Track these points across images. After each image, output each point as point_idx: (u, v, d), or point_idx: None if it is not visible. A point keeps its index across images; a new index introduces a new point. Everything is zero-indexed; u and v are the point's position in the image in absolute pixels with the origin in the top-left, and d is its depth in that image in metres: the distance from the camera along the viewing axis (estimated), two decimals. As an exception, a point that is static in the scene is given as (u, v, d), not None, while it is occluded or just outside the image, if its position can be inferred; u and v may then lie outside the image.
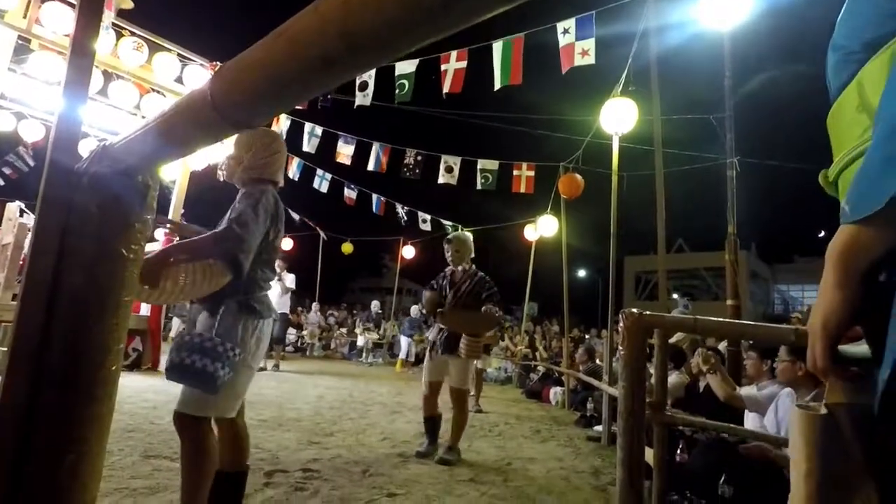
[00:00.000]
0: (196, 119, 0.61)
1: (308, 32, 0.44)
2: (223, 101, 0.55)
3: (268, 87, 0.51)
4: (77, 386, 0.70)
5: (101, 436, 0.73)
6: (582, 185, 7.32)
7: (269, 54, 0.49)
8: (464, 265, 3.85)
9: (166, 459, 2.88)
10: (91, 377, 0.71)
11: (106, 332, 0.73)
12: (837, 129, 0.70)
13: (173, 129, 0.65)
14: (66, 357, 0.70)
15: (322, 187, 10.37)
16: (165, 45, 6.85)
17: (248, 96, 0.53)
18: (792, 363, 2.68)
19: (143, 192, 0.77)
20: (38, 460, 0.66)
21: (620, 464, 1.93)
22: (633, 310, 1.95)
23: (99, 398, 0.73)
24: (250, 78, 0.52)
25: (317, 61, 0.44)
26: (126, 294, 0.76)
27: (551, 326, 13.23)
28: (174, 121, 0.65)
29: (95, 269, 0.73)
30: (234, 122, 0.56)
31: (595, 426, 5.06)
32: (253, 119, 0.57)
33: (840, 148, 0.68)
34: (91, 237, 0.73)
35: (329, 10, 0.42)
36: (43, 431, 0.67)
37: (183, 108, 0.63)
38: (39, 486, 0.66)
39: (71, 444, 0.69)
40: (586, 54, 5.15)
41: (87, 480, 0.71)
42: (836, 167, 0.68)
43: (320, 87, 0.49)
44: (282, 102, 0.55)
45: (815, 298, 0.69)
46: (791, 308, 28.66)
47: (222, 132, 0.63)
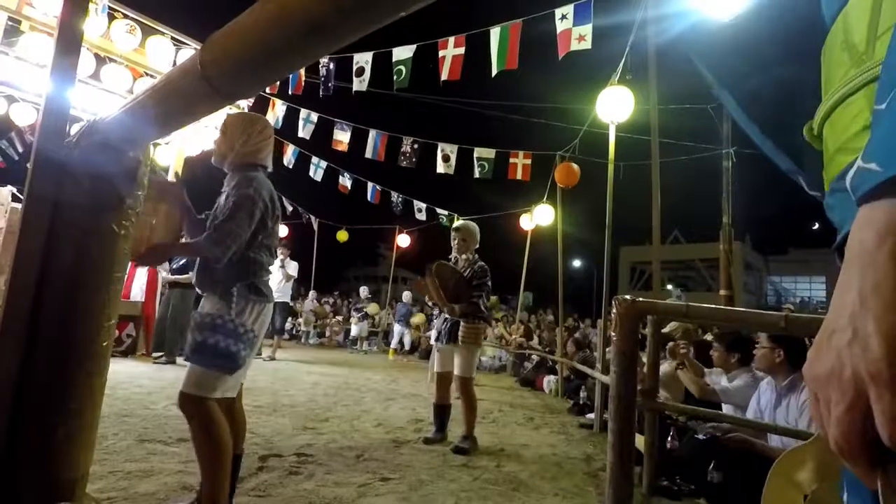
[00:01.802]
0: (187, 91, 0.60)
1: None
2: (214, 72, 0.54)
3: (258, 56, 0.50)
4: (69, 360, 0.70)
5: (93, 410, 0.74)
6: (578, 174, 7.31)
7: (257, 21, 0.49)
8: (467, 255, 3.87)
9: (160, 444, 2.90)
10: (83, 351, 0.71)
11: (97, 307, 0.72)
12: (826, 69, 0.61)
13: (164, 103, 0.65)
14: (57, 331, 0.70)
15: (317, 175, 10.32)
16: (159, 29, 6.75)
17: (238, 66, 0.53)
18: (771, 350, 2.72)
19: (133, 168, 0.77)
20: (31, 433, 0.66)
21: (611, 448, 1.95)
22: (626, 296, 1.97)
23: (91, 372, 0.73)
24: (240, 46, 0.51)
25: (305, 26, 0.43)
26: (117, 270, 0.76)
27: (546, 316, 13.29)
28: (165, 94, 0.64)
29: (86, 244, 0.73)
30: (225, 94, 0.55)
31: (587, 414, 5.11)
32: (245, 90, 0.56)
33: (827, 91, 0.59)
34: (82, 212, 0.73)
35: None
36: (35, 404, 0.67)
37: (174, 80, 0.62)
38: (32, 459, 0.66)
39: (63, 417, 0.69)
40: (583, 39, 5.11)
41: (80, 453, 0.71)
42: (820, 113, 0.59)
43: (311, 55, 0.48)
44: (273, 71, 0.54)
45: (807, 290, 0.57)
46: (784, 300, 28.92)
47: (214, 104, 0.62)
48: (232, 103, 0.63)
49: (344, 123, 8.50)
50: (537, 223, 8.98)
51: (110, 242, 0.76)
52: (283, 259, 8.31)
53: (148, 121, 0.67)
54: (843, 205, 0.51)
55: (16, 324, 0.67)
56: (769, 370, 2.81)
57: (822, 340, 0.39)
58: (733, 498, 2.60)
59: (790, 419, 2.62)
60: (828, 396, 0.37)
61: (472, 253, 3.87)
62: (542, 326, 11.73)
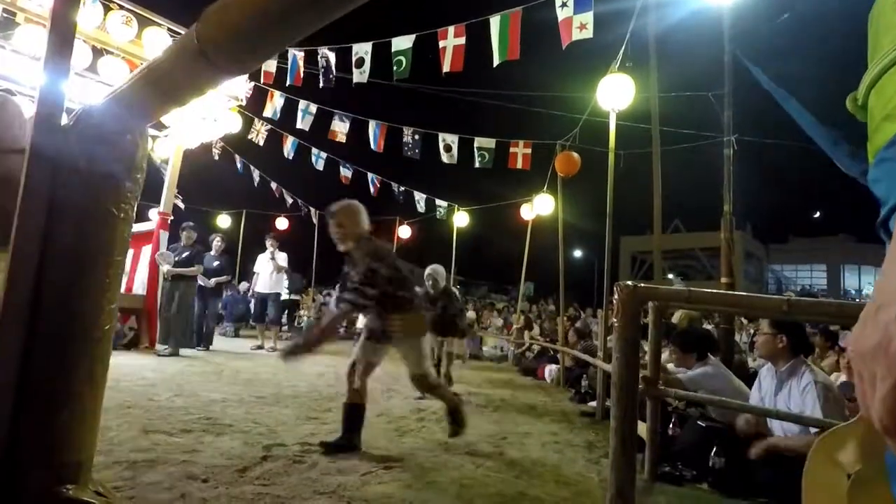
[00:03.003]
0: (184, 67, 0.59)
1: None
2: (211, 46, 0.53)
3: (255, 27, 0.49)
4: (71, 341, 0.70)
5: (96, 392, 0.73)
6: (578, 163, 7.29)
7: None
8: (352, 243, 3.09)
9: (164, 434, 2.91)
10: (85, 333, 0.71)
11: (98, 290, 0.72)
12: (873, 34, 0.56)
13: (161, 80, 0.64)
14: (59, 313, 0.70)
15: (318, 165, 10.30)
16: (155, 20, 6.70)
17: (236, 39, 0.52)
18: (773, 336, 2.73)
19: (131, 151, 0.76)
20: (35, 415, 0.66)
21: (613, 433, 1.96)
22: (627, 282, 1.96)
23: (93, 355, 0.73)
24: (237, 19, 0.50)
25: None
26: (118, 253, 0.75)
27: (547, 306, 13.31)
28: (161, 71, 0.63)
29: (86, 227, 0.73)
30: (223, 68, 0.54)
31: (589, 402, 5.13)
32: (243, 63, 0.55)
33: (873, 57, 0.55)
34: (80, 195, 0.72)
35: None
36: (38, 387, 0.67)
37: (170, 57, 0.61)
38: (36, 442, 0.66)
39: (66, 398, 0.69)
40: (584, 28, 5.06)
41: (84, 436, 0.71)
42: (866, 80, 0.55)
43: (309, 24, 0.47)
44: (271, 43, 0.53)
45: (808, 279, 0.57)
46: (784, 288, 28.93)
47: (212, 79, 0.61)
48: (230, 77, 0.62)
49: (343, 114, 8.46)
50: (538, 213, 8.97)
51: (110, 225, 0.75)
52: (273, 251, 8.34)
53: (144, 101, 0.66)
54: (890, 175, 0.48)
55: (18, 306, 0.67)
56: (770, 356, 2.82)
57: (869, 315, 0.38)
58: (735, 483, 2.61)
59: (791, 405, 2.63)
60: (873, 372, 0.35)
61: (359, 240, 3.05)
62: (544, 316, 11.76)
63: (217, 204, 15.63)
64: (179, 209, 8.24)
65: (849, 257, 28.29)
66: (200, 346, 7.45)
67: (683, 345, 3.49)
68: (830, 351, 5.67)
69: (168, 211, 7.33)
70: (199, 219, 11.50)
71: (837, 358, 5.11)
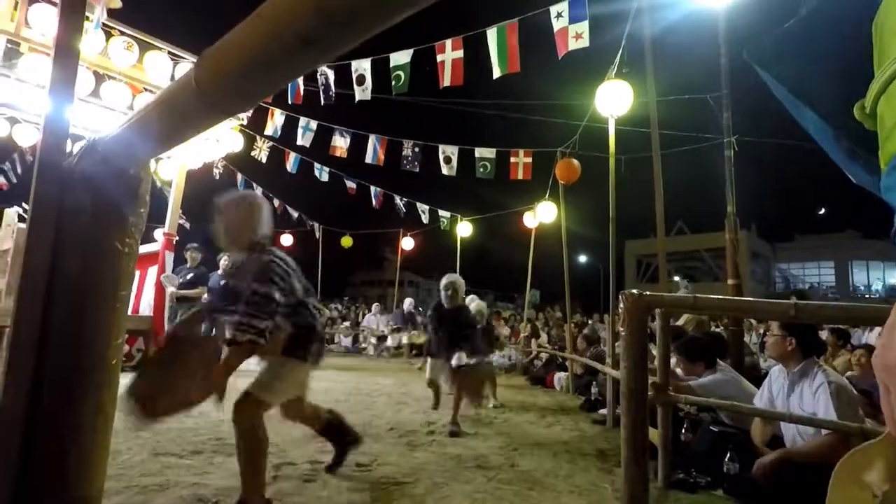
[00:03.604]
0: (183, 107, 0.60)
1: (285, 11, 0.44)
2: (209, 88, 0.54)
3: (251, 70, 0.50)
4: (80, 376, 0.71)
5: (105, 426, 0.74)
6: (579, 169, 7.29)
7: (248, 36, 0.49)
8: (238, 251, 2.59)
9: (174, 457, 2.91)
10: (93, 367, 0.72)
11: (105, 325, 0.73)
12: (880, 40, 0.56)
13: (160, 121, 0.65)
14: (66, 349, 0.71)
15: (323, 177, 10.37)
16: (156, 44, 6.79)
17: (232, 81, 0.53)
18: (783, 338, 2.70)
19: (135, 186, 0.78)
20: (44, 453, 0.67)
21: (625, 443, 1.94)
22: (633, 290, 1.96)
23: (102, 388, 0.73)
24: (233, 62, 0.51)
25: (295, 40, 0.43)
26: (123, 287, 0.76)
27: (554, 313, 13.27)
28: (161, 110, 0.65)
29: (91, 263, 0.74)
30: (221, 109, 0.56)
31: (600, 409, 5.09)
32: (240, 104, 0.57)
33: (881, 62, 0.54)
34: (85, 231, 0.73)
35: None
36: (47, 422, 0.67)
37: (170, 97, 0.63)
38: (46, 477, 0.67)
39: (76, 433, 0.69)
40: (580, 37, 5.10)
41: (93, 470, 0.72)
42: (876, 86, 0.54)
43: (302, 67, 0.49)
44: (265, 85, 0.54)
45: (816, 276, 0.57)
46: (792, 286, 28.71)
47: (209, 120, 0.62)
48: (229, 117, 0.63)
49: (343, 130, 8.53)
50: (540, 221, 8.97)
51: (115, 260, 0.76)
52: None
53: (147, 137, 0.67)
54: None
55: (26, 342, 0.68)
56: (780, 358, 2.79)
57: (894, 325, 0.35)
58: (750, 489, 2.58)
59: (805, 406, 2.60)
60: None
61: (251, 246, 2.46)
62: (551, 323, 11.71)
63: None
64: (185, 229, 8.29)
65: (856, 253, 28.09)
66: (208, 365, 7.45)
67: (689, 354, 3.42)
68: (843, 349, 5.61)
69: (173, 232, 7.38)
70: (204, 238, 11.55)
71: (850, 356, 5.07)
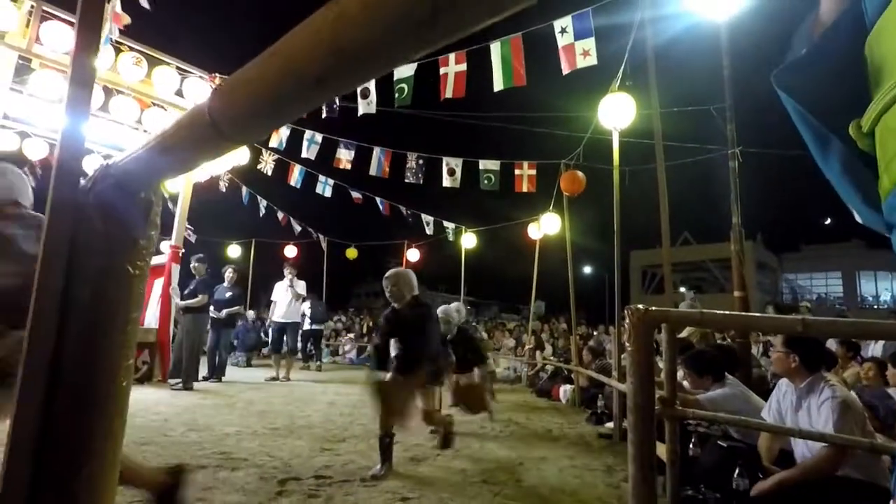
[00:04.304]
0: (196, 136, 0.62)
1: (301, 49, 0.45)
2: (222, 119, 0.56)
3: (264, 105, 0.52)
4: (90, 402, 0.71)
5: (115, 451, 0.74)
6: (584, 181, 7.31)
7: (263, 72, 0.50)
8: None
9: (180, 471, 2.90)
10: (104, 393, 0.72)
11: (116, 348, 0.74)
12: (878, 60, 0.55)
13: (174, 147, 0.66)
14: (78, 374, 0.71)
15: (326, 192, 10.43)
16: (164, 59, 6.90)
17: (244, 114, 0.54)
18: (786, 354, 2.67)
19: (146, 208, 0.79)
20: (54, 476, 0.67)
21: (632, 460, 1.92)
22: (638, 306, 1.95)
23: (112, 414, 0.74)
24: (247, 96, 0.53)
25: (310, 78, 0.45)
26: (133, 310, 0.77)
27: (559, 324, 13.20)
28: (175, 138, 0.66)
29: (104, 287, 0.75)
30: (233, 140, 0.57)
31: (606, 423, 5.04)
32: (251, 135, 0.58)
33: (881, 83, 0.54)
34: (98, 255, 0.74)
35: (321, 27, 0.43)
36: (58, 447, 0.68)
37: (183, 125, 0.64)
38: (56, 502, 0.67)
39: (86, 459, 0.69)
40: (588, 55, 5.13)
41: (103, 495, 0.72)
42: (875, 109, 0.53)
43: (315, 103, 0.50)
44: (277, 119, 0.56)
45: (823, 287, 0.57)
46: (800, 297, 28.46)
47: (221, 149, 0.64)
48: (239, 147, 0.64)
49: (347, 142, 8.59)
50: (545, 232, 8.97)
51: (126, 283, 0.77)
52: (291, 279, 8.33)
53: (159, 163, 0.68)
54: None
55: (37, 368, 0.68)
56: (785, 374, 2.76)
57: None
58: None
59: (813, 423, 2.57)
60: None
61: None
62: (556, 334, 11.65)
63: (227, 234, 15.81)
64: (190, 241, 8.34)
65: (863, 263, 27.87)
66: (213, 377, 7.45)
67: (697, 368, 3.39)
68: (853, 361, 5.54)
69: (179, 244, 7.43)
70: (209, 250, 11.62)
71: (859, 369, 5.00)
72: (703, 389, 3.32)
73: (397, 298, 3.55)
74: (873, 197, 0.61)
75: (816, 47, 0.65)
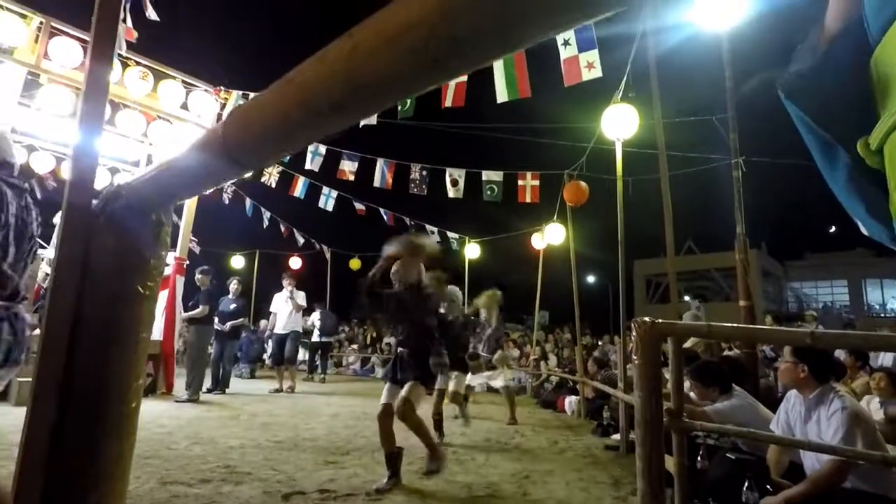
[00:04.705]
0: (208, 161, 0.62)
1: (315, 80, 0.46)
2: (235, 145, 0.56)
3: (276, 132, 0.52)
4: (100, 423, 0.72)
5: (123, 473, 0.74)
6: (587, 191, 7.32)
7: (278, 101, 0.51)
8: None
9: (183, 485, 2.89)
10: (114, 414, 0.72)
11: (127, 369, 0.74)
12: (885, 77, 0.55)
13: (186, 170, 0.67)
14: (88, 395, 0.71)
15: (328, 206, 10.47)
16: (170, 73, 6.98)
17: (258, 140, 0.55)
18: (794, 365, 2.64)
19: (156, 229, 0.79)
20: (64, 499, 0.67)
21: (641, 475, 1.91)
22: (644, 318, 1.94)
23: (121, 435, 0.74)
24: (261, 123, 0.54)
25: (324, 107, 0.45)
26: (143, 330, 0.77)
27: (563, 334, 13.14)
28: (187, 163, 0.67)
29: (114, 307, 0.75)
30: (245, 164, 0.57)
31: (612, 435, 5.00)
32: (263, 161, 0.59)
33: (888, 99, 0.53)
34: (109, 275, 0.75)
35: (335, 60, 0.44)
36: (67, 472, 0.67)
37: (196, 151, 0.65)
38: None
39: (95, 482, 0.69)
40: (592, 67, 5.16)
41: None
42: (883, 127, 0.53)
43: (327, 131, 0.50)
44: (289, 146, 0.57)
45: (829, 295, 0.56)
46: (805, 306, 28.26)
47: (233, 173, 0.64)
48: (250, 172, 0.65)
49: (351, 154, 8.64)
50: (549, 242, 8.96)
51: (137, 303, 0.77)
52: (291, 290, 8.35)
53: (171, 186, 0.69)
54: None
55: (48, 389, 0.69)
56: (794, 385, 2.74)
57: None
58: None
59: (822, 435, 2.54)
60: None
61: None
62: (561, 345, 11.60)
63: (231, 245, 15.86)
64: (194, 253, 8.37)
65: (869, 271, 27.69)
66: (217, 389, 7.43)
67: (703, 379, 3.36)
68: (861, 371, 5.48)
69: (184, 256, 7.45)
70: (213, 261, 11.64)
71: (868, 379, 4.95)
72: (710, 401, 3.29)
73: None
74: (879, 209, 0.61)
75: (823, 57, 0.65)
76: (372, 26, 0.39)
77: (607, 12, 0.38)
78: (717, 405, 3.21)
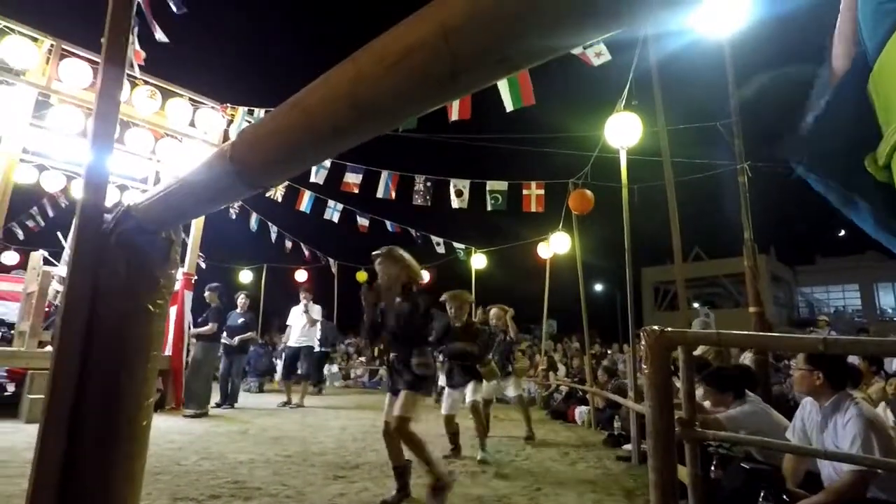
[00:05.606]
0: (217, 182, 0.63)
1: (321, 103, 0.47)
2: (243, 166, 0.57)
3: (283, 154, 0.53)
4: (112, 441, 0.72)
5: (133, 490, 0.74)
6: (592, 200, 7.31)
7: (284, 123, 0.52)
8: None
9: (194, 501, 2.88)
10: (124, 432, 0.73)
11: (137, 388, 0.74)
12: (885, 94, 0.55)
13: (195, 191, 0.68)
14: (100, 415, 0.72)
15: (334, 218, 10.52)
16: (177, 91, 7.09)
17: (265, 162, 0.56)
18: (809, 373, 2.60)
19: (166, 248, 0.80)
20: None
21: (654, 486, 1.88)
22: (653, 327, 1.93)
23: (133, 455, 0.74)
24: (267, 145, 0.55)
25: (329, 130, 0.46)
26: (154, 349, 0.78)
27: (571, 343, 13.05)
28: (196, 182, 0.68)
29: (125, 326, 0.76)
30: (252, 185, 0.58)
31: (624, 445, 4.94)
32: (270, 181, 0.60)
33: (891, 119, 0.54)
34: (120, 295, 0.76)
35: (340, 83, 0.45)
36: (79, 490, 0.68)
37: (204, 171, 0.66)
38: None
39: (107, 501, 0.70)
40: (601, 55, 5.39)
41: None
42: (888, 143, 0.54)
43: (332, 153, 0.51)
44: (296, 167, 0.58)
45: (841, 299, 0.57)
46: (817, 311, 27.91)
47: (241, 194, 0.65)
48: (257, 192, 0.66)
49: (355, 166, 8.69)
50: (555, 251, 8.94)
51: (147, 322, 0.78)
52: (307, 304, 8.34)
53: (179, 206, 0.70)
54: None
55: (60, 410, 0.69)
56: (809, 393, 2.69)
57: None
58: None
59: (839, 443, 2.49)
60: None
61: None
62: (570, 354, 11.52)
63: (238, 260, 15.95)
64: (201, 268, 8.42)
65: (881, 275, 27.33)
66: (226, 404, 7.43)
67: (719, 384, 3.32)
68: (876, 377, 5.39)
69: (192, 271, 7.50)
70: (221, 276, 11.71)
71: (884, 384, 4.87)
72: (724, 407, 3.25)
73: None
74: None
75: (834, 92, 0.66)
76: (374, 52, 0.40)
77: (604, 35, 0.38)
78: (730, 412, 3.17)
